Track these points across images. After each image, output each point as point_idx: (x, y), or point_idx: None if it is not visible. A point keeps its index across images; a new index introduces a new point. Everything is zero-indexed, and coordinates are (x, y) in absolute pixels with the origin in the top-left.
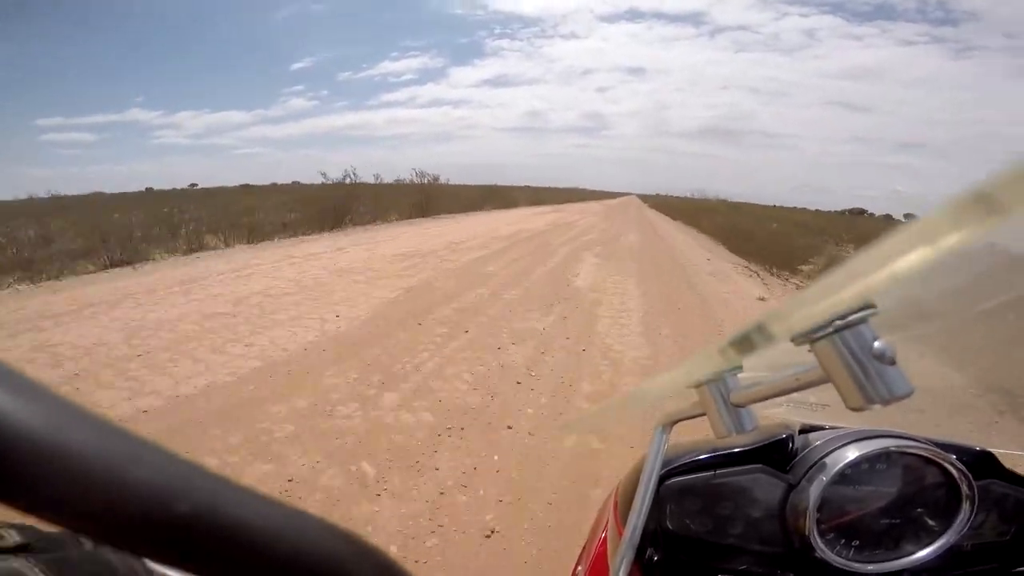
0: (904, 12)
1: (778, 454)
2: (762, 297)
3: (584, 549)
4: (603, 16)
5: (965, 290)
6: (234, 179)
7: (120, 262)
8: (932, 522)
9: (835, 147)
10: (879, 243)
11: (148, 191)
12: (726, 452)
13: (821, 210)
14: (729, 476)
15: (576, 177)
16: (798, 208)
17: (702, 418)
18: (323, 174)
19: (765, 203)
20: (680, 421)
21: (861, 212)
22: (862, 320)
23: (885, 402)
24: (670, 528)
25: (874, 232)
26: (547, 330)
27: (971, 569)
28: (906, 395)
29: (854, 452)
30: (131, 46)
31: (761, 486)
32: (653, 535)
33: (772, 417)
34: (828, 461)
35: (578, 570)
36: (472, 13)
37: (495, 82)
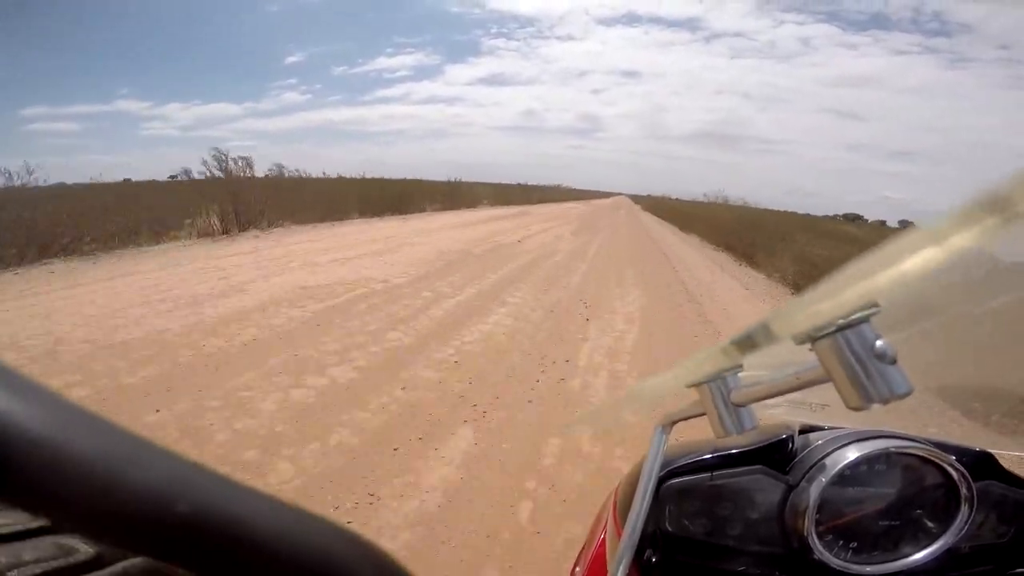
0: (898, 22)
1: (778, 455)
2: None
3: (583, 550)
4: (600, 19)
5: (969, 288)
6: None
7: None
8: (931, 524)
9: (829, 153)
10: (886, 244)
11: (126, 182)
12: (725, 453)
13: (812, 214)
14: (729, 477)
15: (570, 177)
16: (788, 212)
17: (702, 418)
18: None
19: (758, 207)
20: (680, 421)
21: (856, 217)
22: (864, 319)
23: (885, 401)
24: (669, 529)
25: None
26: None
27: (969, 571)
28: (906, 394)
29: (854, 453)
30: (119, 36)
31: (761, 487)
32: (652, 536)
33: (772, 417)
34: (828, 462)
35: (576, 571)
36: (469, 11)
37: (490, 81)
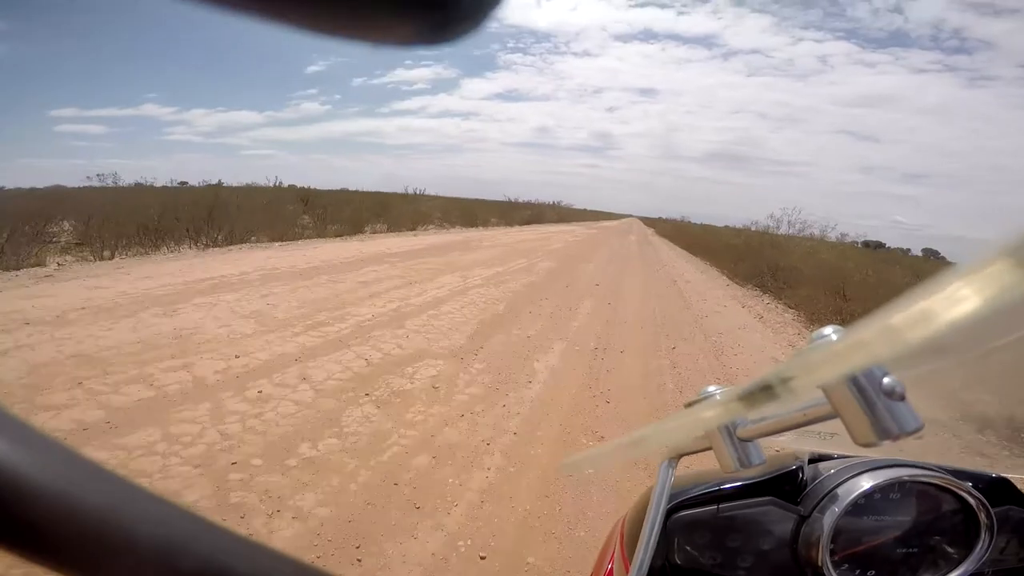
0: (918, 39)
1: (788, 485)
2: None
3: None
4: (617, 35)
5: (983, 325)
6: (242, 179)
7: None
8: (951, 550)
9: (842, 176)
10: (908, 295)
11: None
12: (735, 484)
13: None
14: (738, 509)
15: (581, 197)
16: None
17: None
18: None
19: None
20: (686, 455)
21: (879, 246)
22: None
23: (895, 438)
24: (678, 562)
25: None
26: None
27: None
28: (916, 431)
29: (867, 482)
30: (151, 41)
31: (772, 518)
32: (661, 569)
33: (780, 447)
34: (840, 492)
35: None
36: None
37: (506, 96)
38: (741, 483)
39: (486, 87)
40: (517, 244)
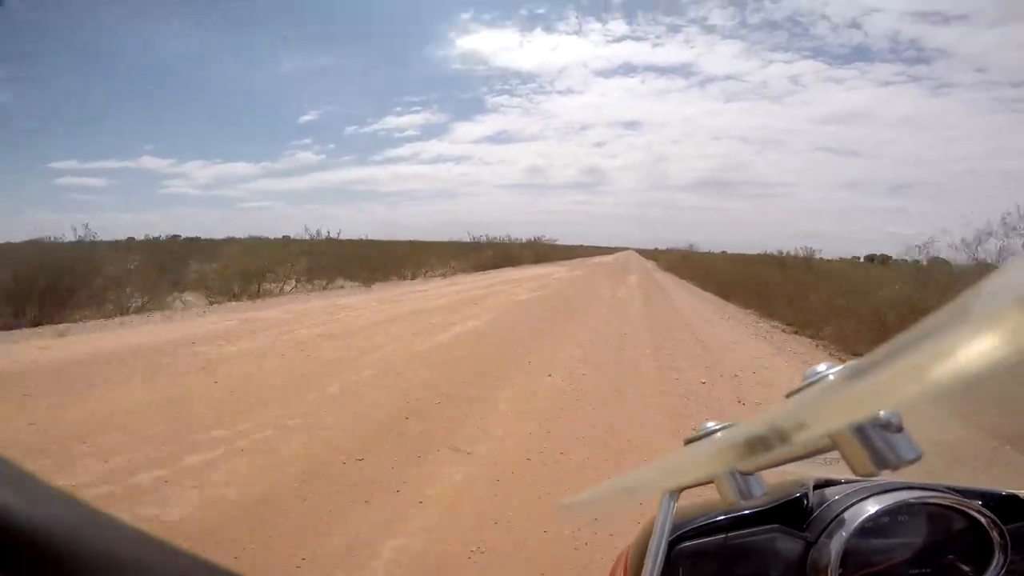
0: (879, 52)
1: (794, 512)
2: None
3: None
4: (598, 70)
5: (993, 374)
6: (236, 232)
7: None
8: (966, 568)
9: (828, 193)
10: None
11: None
12: (739, 513)
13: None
14: (744, 537)
15: (574, 233)
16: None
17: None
18: None
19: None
20: (687, 488)
21: (885, 259)
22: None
23: (894, 467)
24: None
25: None
26: None
27: None
28: (914, 460)
29: (873, 506)
30: (145, 93)
31: (778, 545)
32: None
33: (784, 473)
34: (847, 516)
35: None
36: (472, 68)
37: (495, 139)
38: (745, 512)
39: (476, 130)
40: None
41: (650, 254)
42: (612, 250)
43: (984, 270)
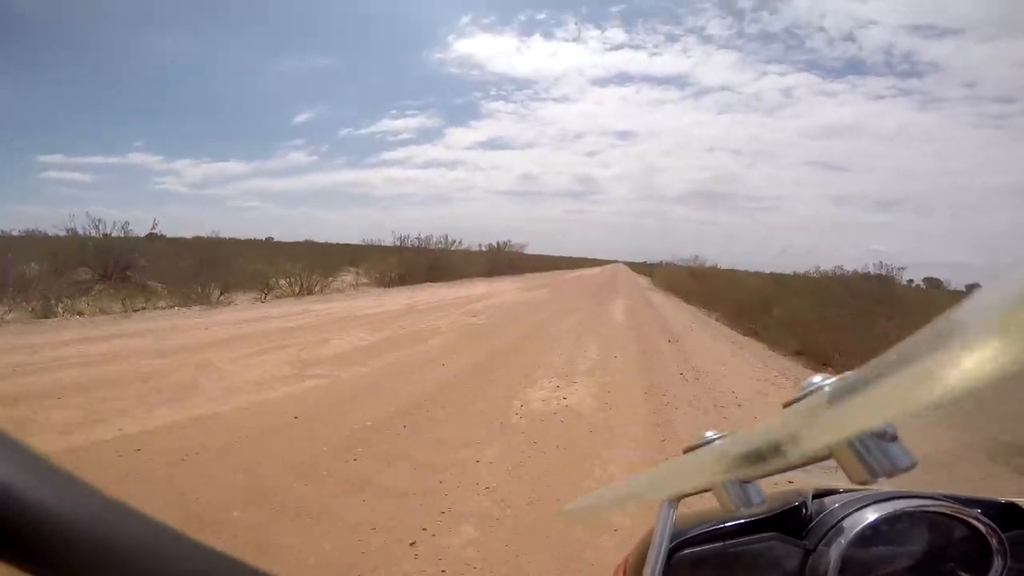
0: (872, 66)
1: (793, 520)
2: None
3: None
4: (594, 79)
5: (990, 387)
6: (226, 232)
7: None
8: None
9: (817, 208)
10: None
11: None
12: (738, 522)
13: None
14: (743, 545)
15: (567, 242)
16: (799, 273)
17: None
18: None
19: (752, 268)
20: (686, 496)
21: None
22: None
23: (889, 475)
24: None
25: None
26: None
27: None
28: (909, 468)
29: (872, 514)
30: (136, 89)
31: (777, 553)
32: None
33: (783, 482)
34: (846, 524)
35: None
36: (467, 73)
37: (490, 144)
38: (745, 520)
39: (470, 136)
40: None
41: (643, 269)
42: (601, 262)
43: None
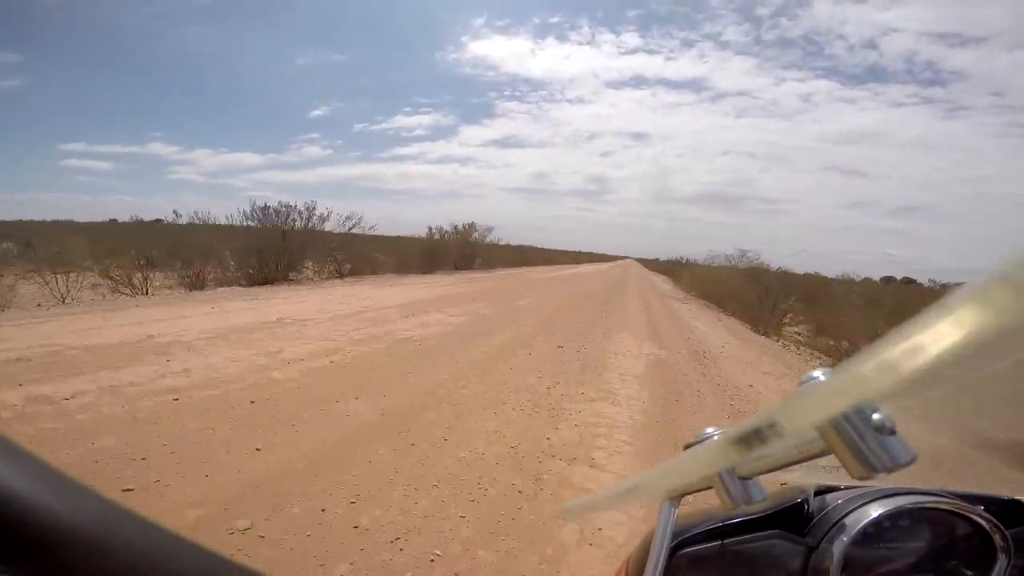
0: (894, 73)
1: (795, 518)
2: None
3: None
4: (609, 82)
5: (973, 354)
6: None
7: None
8: (969, 573)
9: (832, 212)
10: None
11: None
12: (740, 519)
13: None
14: (745, 543)
15: (576, 240)
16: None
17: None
18: None
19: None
20: (687, 495)
21: (909, 282)
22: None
23: (889, 470)
24: None
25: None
26: None
27: None
28: (908, 463)
29: (875, 511)
30: (157, 80)
31: (779, 551)
32: None
33: (786, 481)
34: (848, 521)
35: None
36: (482, 73)
37: (503, 143)
38: (746, 518)
39: (484, 134)
40: None
41: (658, 266)
42: (612, 258)
43: None
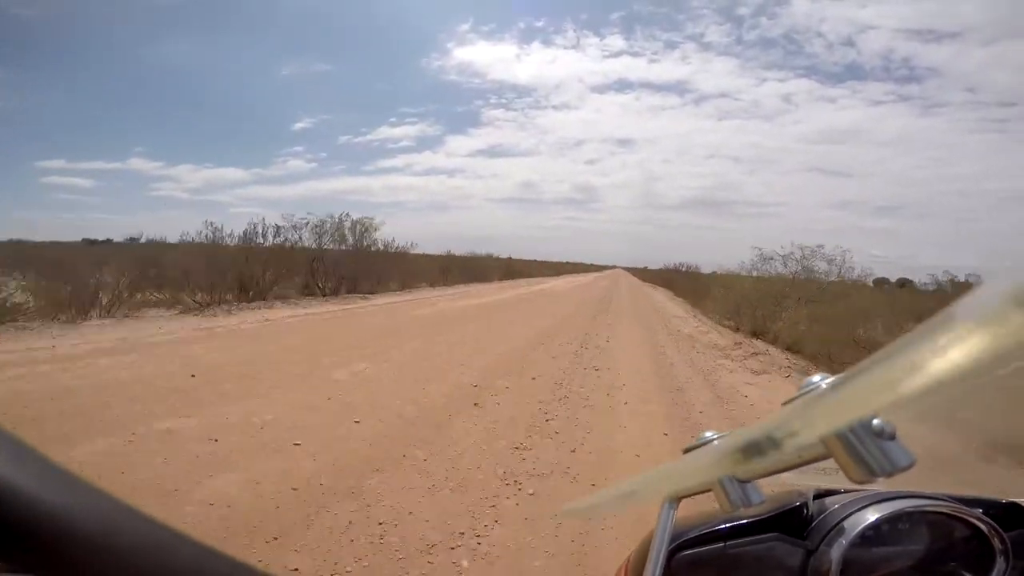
0: (872, 71)
1: (794, 521)
2: None
3: None
4: (593, 86)
5: (976, 373)
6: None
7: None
8: (968, 575)
9: (818, 213)
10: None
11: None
12: (739, 522)
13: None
14: (744, 545)
15: (565, 249)
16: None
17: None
18: None
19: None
20: (687, 497)
21: (903, 283)
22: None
23: (888, 474)
24: None
25: None
26: None
27: None
28: (908, 467)
29: (873, 514)
30: (137, 95)
31: (778, 553)
32: None
33: (784, 483)
34: (847, 524)
35: None
36: (469, 81)
37: (490, 152)
38: (745, 521)
39: (470, 144)
40: None
41: (647, 275)
42: (600, 267)
43: None
